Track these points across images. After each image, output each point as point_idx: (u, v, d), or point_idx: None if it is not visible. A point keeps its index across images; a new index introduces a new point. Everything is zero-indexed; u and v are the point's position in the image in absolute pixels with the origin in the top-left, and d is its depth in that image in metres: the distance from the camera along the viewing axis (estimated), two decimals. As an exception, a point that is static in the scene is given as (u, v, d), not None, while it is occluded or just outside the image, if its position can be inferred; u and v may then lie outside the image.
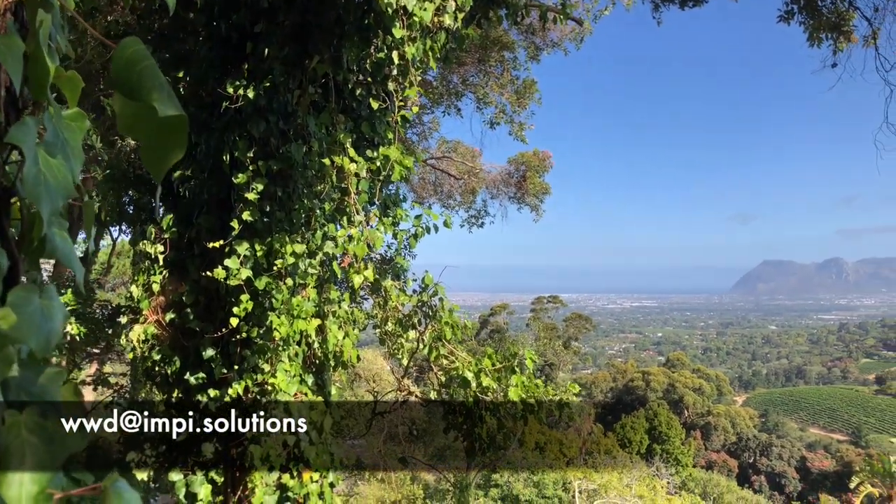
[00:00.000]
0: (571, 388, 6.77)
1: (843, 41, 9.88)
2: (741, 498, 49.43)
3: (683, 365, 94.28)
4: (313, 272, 5.41)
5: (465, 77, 16.01)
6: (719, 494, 48.36)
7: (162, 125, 0.88)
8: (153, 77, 0.85)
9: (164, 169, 0.91)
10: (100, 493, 0.86)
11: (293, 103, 5.28)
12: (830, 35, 9.89)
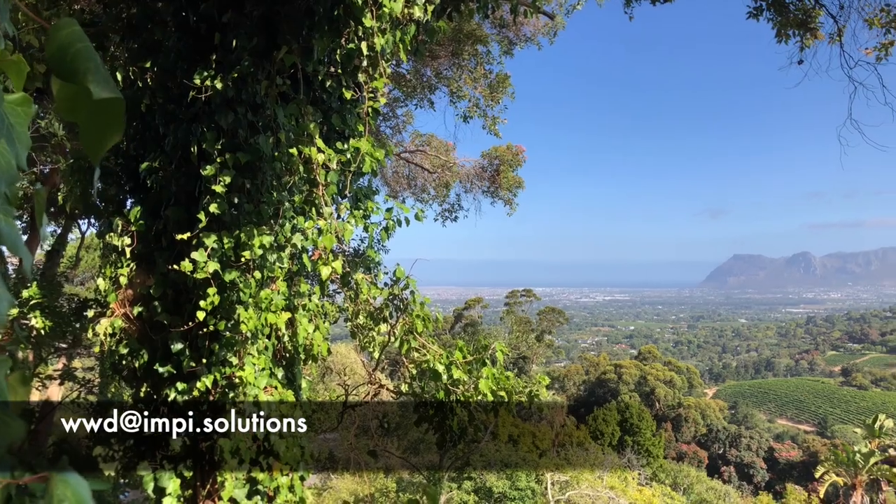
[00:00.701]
0: (541, 379, 6.82)
1: (810, 38, 10.02)
2: (710, 488, 50.19)
3: (655, 358, 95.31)
4: (282, 265, 5.38)
5: (438, 70, 15.98)
6: (689, 485, 49.07)
7: (98, 108, 0.87)
8: (88, 59, 0.84)
9: (101, 152, 0.90)
10: (45, 481, 0.85)
11: (262, 94, 5.23)
12: (798, 32, 10.03)
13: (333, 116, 5.82)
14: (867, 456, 32.03)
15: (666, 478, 49.71)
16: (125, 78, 6.02)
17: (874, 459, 32.00)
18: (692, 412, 78.79)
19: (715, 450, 73.98)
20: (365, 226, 6.04)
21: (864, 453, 32.15)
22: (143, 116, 6.13)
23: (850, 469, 32.10)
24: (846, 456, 32.64)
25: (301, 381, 6.43)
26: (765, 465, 72.63)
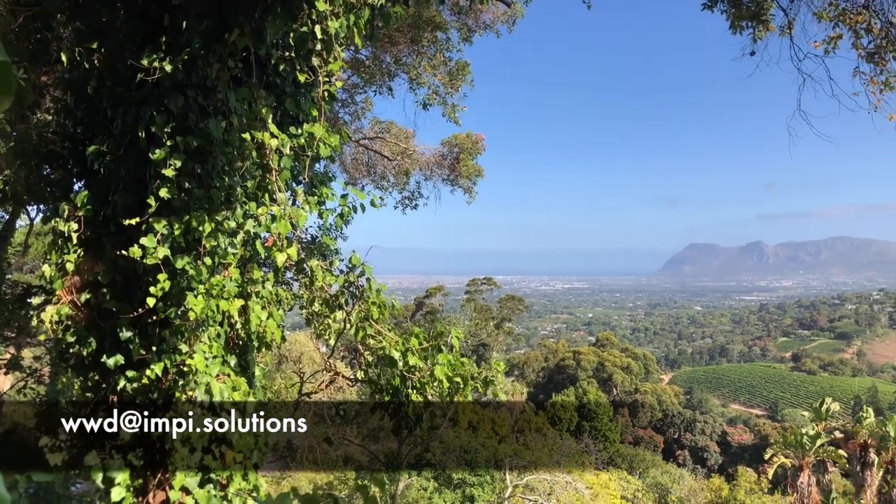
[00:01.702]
0: (497, 366, 6.87)
1: (762, 30, 10.21)
2: (666, 472, 51.33)
3: (612, 344, 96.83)
4: (234, 251, 5.30)
5: (397, 57, 15.88)
6: (645, 469, 50.11)
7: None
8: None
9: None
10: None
11: (213, 77, 5.14)
12: (750, 23, 10.21)
13: (287, 101, 5.75)
14: (814, 438, 33.07)
15: (622, 462, 50.70)
16: (71, 59, 5.85)
17: (821, 441, 33.05)
18: (648, 398, 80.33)
19: (670, 434, 75.61)
20: (320, 212, 6.00)
21: (811, 436, 33.17)
22: (91, 99, 5.98)
23: (798, 451, 33.09)
24: (794, 438, 33.63)
25: (255, 368, 6.38)
26: (718, 448, 74.52)
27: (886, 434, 30.88)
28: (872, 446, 30.93)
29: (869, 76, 9.51)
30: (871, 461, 30.59)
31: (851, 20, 9.30)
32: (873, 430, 31.66)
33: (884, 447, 30.79)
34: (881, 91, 9.41)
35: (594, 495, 27.13)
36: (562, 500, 25.55)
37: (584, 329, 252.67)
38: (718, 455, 73.18)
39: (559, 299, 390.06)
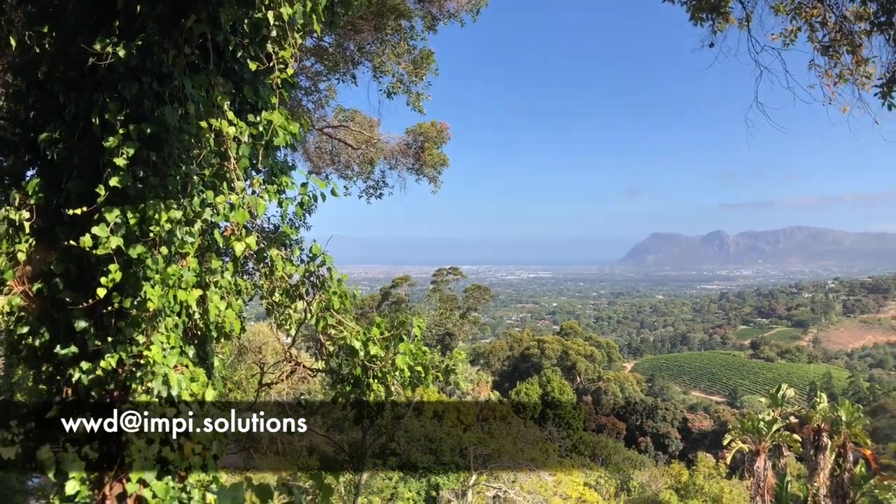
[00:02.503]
0: (458, 354, 6.91)
1: (722, 22, 10.36)
2: (627, 458, 52.27)
3: (576, 333, 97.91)
4: (192, 240, 5.23)
5: (361, 45, 15.75)
6: (607, 455, 50.93)
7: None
8: None
9: None
10: None
11: (169, 64, 5.04)
12: (710, 15, 10.35)
13: (245, 88, 5.66)
14: (770, 423, 33.91)
15: (585, 449, 51.43)
16: (21, 43, 5.69)
17: (776, 426, 33.90)
18: (611, 385, 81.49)
19: (633, 421, 76.77)
20: (280, 201, 5.95)
21: (767, 421, 34.01)
22: (42, 84, 5.83)
23: (755, 436, 33.90)
24: (752, 424, 34.44)
25: (214, 359, 6.32)
26: (679, 434, 75.90)
27: (838, 418, 31.81)
28: (825, 430, 31.84)
29: (824, 69, 9.70)
30: (825, 445, 31.49)
31: (807, 14, 9.48)
32: (826, 414, 32.59)
33: (836, 431, 31.71)
34: (835, 84, 9.61)
35: (557, 482, 27.50)
36: (525, 487, 25.85)
37: (549, 318, 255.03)
38: (679, 441, 74.59)
39: (524, 289, 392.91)
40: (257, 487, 2.47)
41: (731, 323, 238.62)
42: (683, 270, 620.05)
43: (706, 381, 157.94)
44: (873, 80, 9.17)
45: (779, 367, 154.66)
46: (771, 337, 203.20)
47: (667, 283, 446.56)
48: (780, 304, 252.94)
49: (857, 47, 9.31)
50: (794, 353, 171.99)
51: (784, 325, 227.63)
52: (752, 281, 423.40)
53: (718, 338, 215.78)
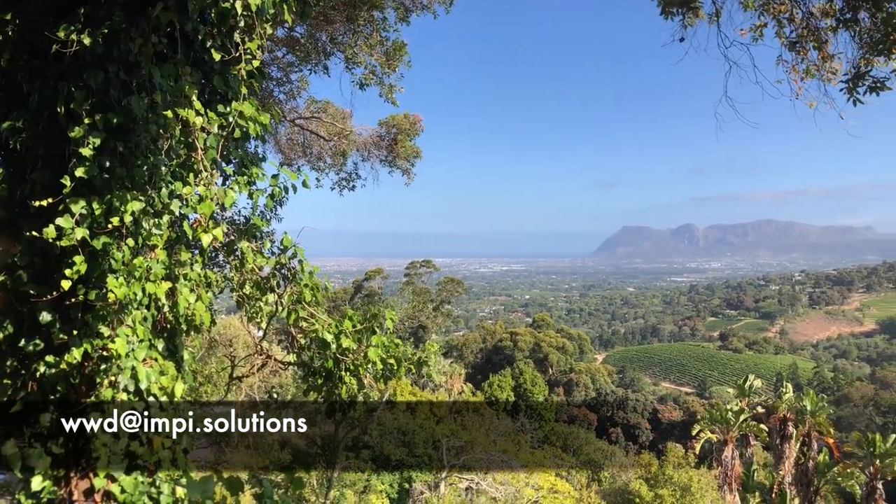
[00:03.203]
0: (430, 347, 6.91)
1: (692, 17, 10.46)
2: (598, 449, 52.77)
3: (548, 325, 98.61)
4: (159, 232, 5.16)
5: (333, 36, 15.61)
6: (579, 446, 51.36)
7: None
8: None
9: None
10: None
11: (136, 53, 4.95)
12: (680, 10, 10.44)
13: (215, 78, 5.58)
14: (738, 413, 34.58)
15: (557, 440, 51.83)
16: (-18, 29, 5.55)
17: (744, 416, 34.59)
18: (583, 377, 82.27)
19: (604, 412, 77.51)
20: (250, 193, 5.88)
21: (735, 411, 34.67)
22: (5, 72, 5.68)
23: (723, 426, 34.55)
24: (720, 414, 35.08)
25: (183, 352, 6.24)
26: (649, 425, 76.84)
27: (803, 408, 32.52)
28: (791, 420, 32.53)
29: (791, 64, 9.85)
30: (790, 434, 32.18)
31: (775, 10, 9.62)
32: (792, 404, 33.29)
33: (801, 421, 32.42)
34: (802, 79, 9.76)
35: (529, 473, 27.70)
36: (497, 478, 26.00)
37: (522, 310, 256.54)
38: (649, 432, 75.53)
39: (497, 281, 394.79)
40: (227, 480, 2.45)
41: (701, 315, 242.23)
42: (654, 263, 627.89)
43: (676, 373, 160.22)
44: (839, 76, 9.33)
45: (746, 358, 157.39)
46: (739, 329, 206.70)
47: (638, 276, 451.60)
48: (748, 296, 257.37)
49: (823, 43, 9.47)
50: (761, 345, 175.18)
51: (752, 317, 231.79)
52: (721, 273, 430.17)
53: (688, 329, 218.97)
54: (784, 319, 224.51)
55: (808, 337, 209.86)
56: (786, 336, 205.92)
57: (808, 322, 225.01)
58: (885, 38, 8.44)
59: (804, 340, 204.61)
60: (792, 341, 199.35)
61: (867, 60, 8.79)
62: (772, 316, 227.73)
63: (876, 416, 74.54)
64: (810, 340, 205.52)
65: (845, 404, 79.73)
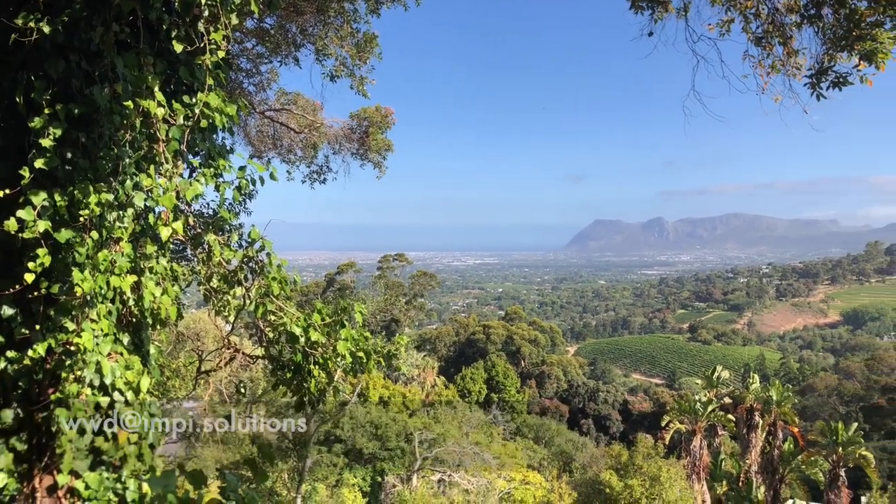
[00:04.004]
0: (400, 340, 6.92)
1: (661, 11, 10.54)
2: (570, 440, 53.35)
3: (521, 318, 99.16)
4: (123, 224, 5.08)
5: (303, 27, 15.46)
6: (550, 438, 51.86)
7: None
8: None
9: None
10: None
11: (97, 42, 4.85)
12: (650, 4, 10.52)
13: (181, 69, 5.50)
14: (706, 404, 35.12)
15: (529, 432, 52.27)
16: (-62, 16, 5.40)
17: (712, 407, 35.15)
18: (555, 369, 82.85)
19: (575, 404, 78.26)
20: (216, 185, 5.81)
21: (703, 402, 35.21)
22: (-37, 61, 5.55)
23: (692, 417, 35.06)
24: (688, 405, 35.61)
25: (150, 346, 6.16)
26: (620, 416, 77.77)
27: (769, 398, 33.13)
28: (757, 410, 33.14)
29: (757, 59, 9.99)
30: (756, 424, 32.78)
31: (741, 5, 9.74)
32: (758, 395, 33.91)
33: (767, 411, 33.04)
34: (768, 74, 9.91)
35: (501, 464, 27.88)
36: (470, 470, 26.14)
37: (494, 303, 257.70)
38: (620, 423, 76.44)
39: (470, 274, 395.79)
40: (190, 474, 2.43)
41: (671, 307, 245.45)
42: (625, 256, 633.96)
43: (646, 364, 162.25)
44: (803, 71, 9.48)
45: (715, 349, 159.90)
46: (708, 321, 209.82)
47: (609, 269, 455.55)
48: (717, 288, 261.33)
49: (788, 39, 9.62)
50: (729, 336, 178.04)
51: (720, 309, 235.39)
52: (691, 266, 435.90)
53: (658, 322, 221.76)
54: (752, 311, 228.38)
55: (775, 328, 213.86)
56: (753, 328, 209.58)
57: (774, 314, 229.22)
58: (848, 35, 8.59)
59: (771, 332, 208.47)
60: (759, 333, 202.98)
61: (830, 56, 8.95)
62: (740, 308, 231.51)
63: (839, 406, 76.26)
64: (777, 332, 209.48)
65: (810, 394, 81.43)
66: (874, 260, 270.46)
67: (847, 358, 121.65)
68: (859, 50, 8.51)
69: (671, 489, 28.03)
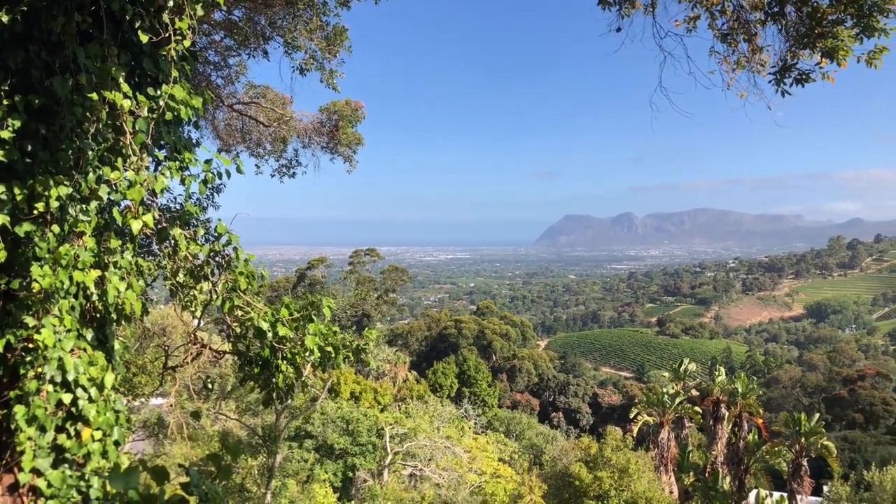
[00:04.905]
0: (369, 334, 6.90)
1: (629, 7, 10.62)
2: (540, 433, 53.74)
3: (492, 313, 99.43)
4: (86, 218, 4.99)
5: (272, 19, 15.29)
6: (521, 431, 52.19)
7: None
8: None
9: None
10: None
11: (58, 32, 4.75)
12: (617, 0, 10.60)
13: (145, 60, 5.40)
14: (674, 397, 35.63)
15: (500, 426, 52.52)
16: None
17: (679, 399, 35.67)
18: (526, 363, 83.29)
19: (546, 397, 78.86)
20: (182, 178, 5.73)
21: (670, 394, 35.72)
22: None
23: (660, 409, 35.56)
24: (656, 398, 36.08)
25: (114, 342, 6.07)
26: (590, 409, 78.55)
27: (735, 391, 33.69)
28: (724, 402, 33.70)
29: (723, 56, 10.12)
30: (722, 415, 33.34)
31: (707, 2, 9.85)
32: (724, 387, 34.47)
33: (733, 403, 33.61)
34: (733, 70, 10.04)
35: (472, 458, 27.99)
36: (441, 464, 26.19)
37: (466, 298, 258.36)
38: (590, 416, 77.22)
39: (442, 269, 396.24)
40: (152, 470, 2.41)
41: (639, 301, 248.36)
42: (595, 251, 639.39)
43: (616, 358, 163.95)
44: (767, 68, 9.63)
45: (683, 342, 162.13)
46: (676, 314, 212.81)
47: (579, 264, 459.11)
48: (685, 282, 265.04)
49: (752, 36, 9.76)
50: (697, 330, 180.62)
51: (688, 303, 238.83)
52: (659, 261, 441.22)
53: (627, 315, 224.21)
54: (719, 305, 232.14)
55: (742, 322, 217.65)
56: (720, 321, 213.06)
57: (741, 307, 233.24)
58: (810, 32, 8.75)
59: (737, 325, 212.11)
60: (726, 326, 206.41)
61: (793, 53, 9.10)
62: (707, 302, 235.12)
63: (802, 397, 77.94)
64: (743, 325, 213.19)
65: (775, 386, 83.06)
66: (836, 254, 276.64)
67: (810, 350, 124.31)
68: (821, 47, 8.67)
69: (639, 481, 28.40)
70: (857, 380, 73.52)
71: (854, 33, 8.46)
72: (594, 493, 28.14)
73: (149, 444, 27.80)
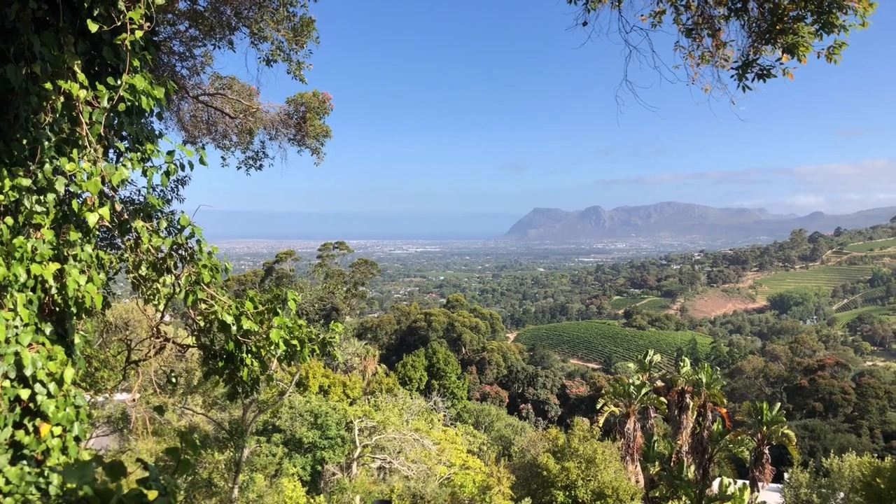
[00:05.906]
0: (335, 327, 6.88)
1: (595, 1, 10.69)
2: (509, 425, 54.11)
3: (462, 305, 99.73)
4: (42, 210, 4.88)
5: (238, 10, 15.08)
6: (490, 423, 52.50)
7: None
8: None
9: None
10: None
11: (12, 18, 4.63)
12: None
13: (105, 49, 5.30)
14: (639, 388, 36.10)
15: (469, 418, 52.78)
16: None
17: (645, 390, 36.15)
18: (495, 355, 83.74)
19: (515, 389, 79.37)
20: (144, 170, 5.64)
21: (637, 385, 36.18)
22: None
23: (626, 400, 36.01)
24: (623, 388, 36.53)
25: (74, 336, 5.96)
26: (558, 401, 79.28)
27: (699, 381, 34.24)
28: (688, 392, 34.23)
29: (688, 50, 10.24)
30: (687, 406, 33.87)
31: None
32: (689, 377, 35.00)
33: (697, 393, 34.16)
34: (698, 65, 10.17)
35: (441, 450, 28.07)
36: (410, 457, 26.23)
37: (436, 291, 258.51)
38: (558, 407, 77.95)
39: (412, 263, 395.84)
40: (108, 465, 2.38)
41: (607, 293, 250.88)
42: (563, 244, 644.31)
43: (583, 349, 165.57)
44: (731, 63, 9.77)
45: (649, 334, 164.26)
46: (643, 306, 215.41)
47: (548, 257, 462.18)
48: (651, 275, 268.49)
49: (716, 31, 9.89)
50: (663, 322, 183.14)
51: (654, 296, 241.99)
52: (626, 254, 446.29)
53: (595, 308, 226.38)
54: (684, 297, 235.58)
55: (707, 313, 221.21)
56: (686, 313, 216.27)
57: (706, 299, 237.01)
58: (772, 28, 8.91)
59: (703, 317, 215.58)
60: (692, 318, 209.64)
61: (756, 49, 9.26)
62: (673, 294, 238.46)
63: (765, 387, 79.58)
64: (708, 317, 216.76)
65: (738, 376, 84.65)
66: (798, 247, 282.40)
67: (773, 341, 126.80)
68: (782, 43, 8.83)
69: (606, 470, 28.79)
70: (817, 370, 75.29)
71: (814, 29, 8.63)
72: (562, 483, 28.46)
73: (114, 440, 27.38)
